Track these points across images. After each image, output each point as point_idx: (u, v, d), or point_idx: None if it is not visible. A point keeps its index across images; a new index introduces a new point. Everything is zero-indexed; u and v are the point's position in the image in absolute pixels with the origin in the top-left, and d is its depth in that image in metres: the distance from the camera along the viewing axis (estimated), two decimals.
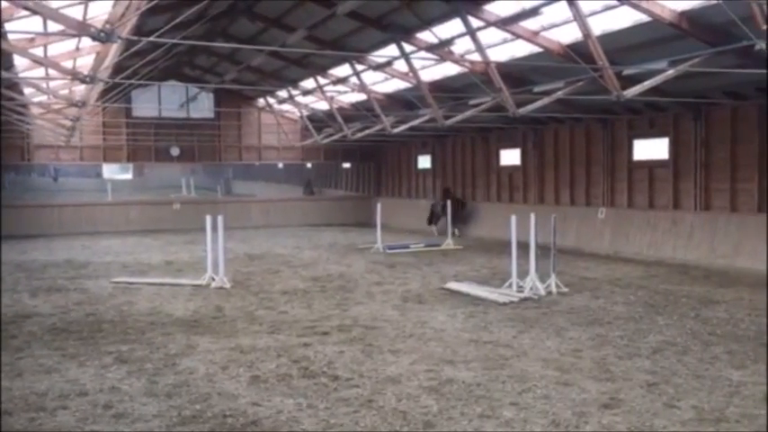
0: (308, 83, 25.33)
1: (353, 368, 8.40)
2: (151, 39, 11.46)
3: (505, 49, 17.45)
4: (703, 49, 13.82)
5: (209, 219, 15.03)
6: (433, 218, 27.39)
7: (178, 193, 47.96)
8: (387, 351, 9.22)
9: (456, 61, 18.52)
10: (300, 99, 28.55)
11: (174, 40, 15.26)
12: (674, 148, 19.39)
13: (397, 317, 11.49)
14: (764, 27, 10.39)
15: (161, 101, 30.93)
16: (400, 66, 20.31)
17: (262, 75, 26.82)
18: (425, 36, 17.49)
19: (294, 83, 26.35)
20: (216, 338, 10.06)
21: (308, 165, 41.28)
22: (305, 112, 30.31)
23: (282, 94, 28.84)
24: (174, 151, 31.94)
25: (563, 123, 23.07)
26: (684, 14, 13.26)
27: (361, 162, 36.86)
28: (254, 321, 11.27)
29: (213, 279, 14.80)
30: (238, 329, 10.68)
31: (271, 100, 31.16)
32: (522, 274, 13.58)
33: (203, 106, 32.30)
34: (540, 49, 16.18)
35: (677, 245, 18.62)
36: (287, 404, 7.13)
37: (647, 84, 14.26)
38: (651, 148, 20.24)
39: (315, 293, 13.93)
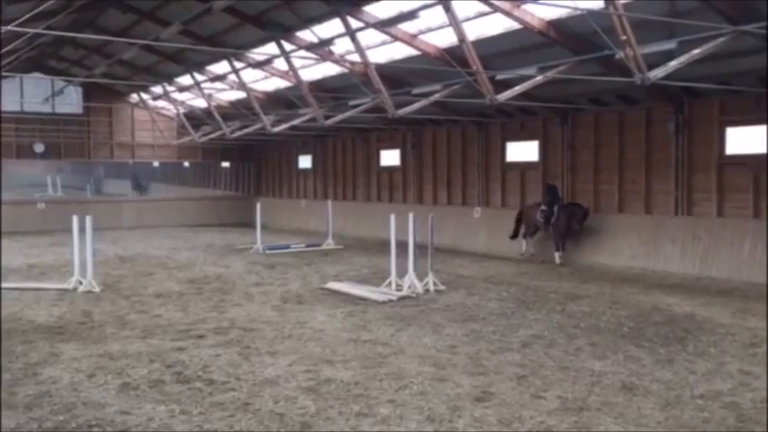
0: (185, 79, 24.60)
1: (230, 371, 8.21)
2: (10, 28, 10.74)
3: (385, 51, 17.70)
4: (569, 56, 14.60)
5: (76, 219, 14.26)
6: (527, 230, 19.02)
7: (43, 193, 45.23)
8: (265, 353, 9.09)
9: (336, 61, 18.60)
10: (176, 96, 27.68)
11: (37, 30, 14.36)
12: (544, 150, 20.35)
13: (275, 318, 11.36)
14: (624, 38, 11.07)
15: (24, 94, 29.07)
16: (280, 64, 20.13)
17: (134, 69, 25.80)
18: (305, 35, 17.44)
19: (169, 79, 25.49)
20: (82, 345, 9.55)
21: (186, 163, 40.15)
22: (181, 110, 29.41)
23: (157, 90, 27.84)
24: (39, 148, 30.11)
25: (440, 125, 23.66)
26: (552, 23, 13.96)
27: (241, 161, 36.24)
28: (124, 326, 10.79)
29: (81, 283, 14.05)
30: (107, 335, 10.19)
31: (145, 96, 30.00)
32: (402, 272, 13.79)
33: (71, 101, 30.64)
34: (418, 52, 16.55)
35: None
36: (159, 411, 6.87)
37: (518, 89, 14.86)
38: (523, 151, 21.14)
39: (191, 296, 13.53)
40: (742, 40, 12.08)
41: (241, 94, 24.42)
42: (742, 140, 15.71)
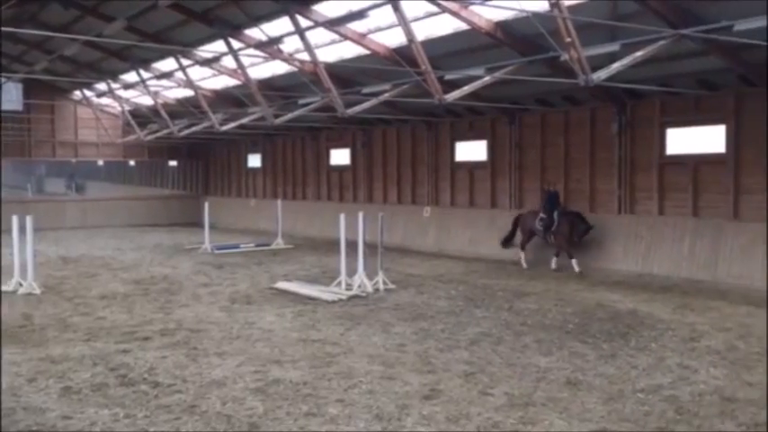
0: (130, 76, 24.11)
1: (176, 373, 8.09)
2: None
3: (334, 50, 17.67)
4: (516, 58, 14.81)
5: (15, 219, 13.85)
6: (522, 238, 17.60)
7: None
8: (212, 354, 8.98)
9: (285, 60, 18.48)
10: (121, 93, 27.11)
11: None
12: (492, 150, 20.59)
13: (224, 318, 11.24)
14: (568, 40, 11.28)
15: None
16: (229, 62, 19.90)
17: (77, 66, 25.16)
18: (254, 33, 17.28)
19: (114, 76, 24.93)
20: (22, 349, 9.28)
21: (132, 162, 39.36)
22: (126, 107, 28.80)
23: (101, 87, 27.18)
24: None
25: (390, 124, 23.73)
26: (499, 25, 14.14)
27: (189, 160, 35.71)
28: (67, 329, 10.52)
29: (21, 285, 13.66)
30: (49, 338, 9.92)
31: (88, 93, 29.28)
32: (351, 272, 13.80)
33: (11, 97, 29.63)
34: (368, 52, 16.57)
35: (495, 242, 19.75)
36: (102, 415, 6.72)
37: (467, 89, 15.01)
38: (471, 150, 21.36)
39: (136, 297, 13.28)
40: (681, 44, 12.44)
41: (189, 92, 24.05)
42: (681, 141, 16.18)
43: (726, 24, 11.53)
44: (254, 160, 31.85)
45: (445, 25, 14.94)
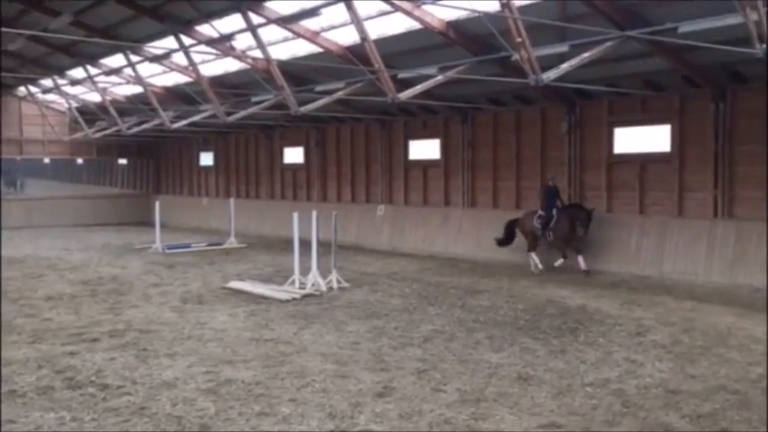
0: (77, 72, 23.52)
1: (125, 375, 7.95)
2: None
3: (287, 48, 17.57)
4: (469, 57, 14.95)
5: None
6: (528, 242, 16.61)
7: None
8: (163, 355, 8.85)
9: (237, 57, 18.29)
10: (68, 89, 26.44)
11: None
12: (445, 148, 20.75)
13: (175, 319, 11.08)
14: (519, 40, 11.43)
15: None
16: (179, 59, 19.60)
17: (22, 61, 24.45)
18: (205, 29, 17.07)
19: (60, 71, 24.31)
20: None
21: (79, 160, 38.46)
22: (74, 104, 28.13)
23: (47, 83, 26.48)
24: None
25: (344, 123, 23.70)
26: (451, 24, 14.25)
27: (139, 158, 35.08)
28: (11, 331, 10.22)
29: None
30: None
31: (33, 89, 28.50)
32: (305, 270, 13.75)
33: None
34: (321, 50, 16.52)
35: (448, 239, 19.95)
36: (47, 419, 6.56)
37: (419, 88, 15.09)
38: (425, 149, 21.48)
39: (84, 298, 12.99)
40: (628, 45, 12.74)
41: (138, 89, 23.61)
42: (629, 140, 16.56)
43: (670, 26, 11.85)
44: (207, 158, 31.45)
45: (398, 24, 14.99)
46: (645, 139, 16.21)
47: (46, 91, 27.99)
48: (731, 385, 7.52)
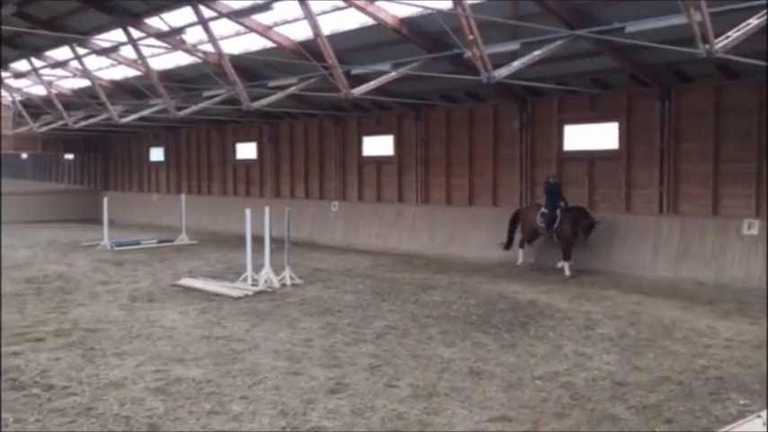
0: (21, 64, 22.82)
1: (71, 375, 7.76)
2: None
3: (239, 42, 17.35)
4: (422, 54, 15.00)
5: None
6: (524, 236, 16.21)
7: None
8: (110, 354, 8.67)
9: (188, 51, 18.01)
10: (12, 82, 25.64)
11: None
12: (399, 145, 20.80)
13: (123, 317, 10.86)
14: (471, 38, 11.52)
15: None
16: (128, 52, 19.19)
17: None
18: (155, 22, 16.73)
19: (3, 64, 23.53)
20: None
21: (24, 155, 37.39)
22: (18, 97, 27.28)
23: None
24: None
25: (297, 118, 23.56)
26: (405, 21, 14.27)
27: (87, 153, 34.27)
28: None
29: None
30: None
31: None
32: (258, 267, 13.64)
33: None
34: (274, 45, 16.37)
35: (402, 236, 20.02)
36: None
37: (373, 84, 15.08)
38: (378, 145, 21.50)
39: (28, 297, 12.63)
40: (577, 44, 12.95)
41: (85, 83, 23.05)
42: (578, 137, 16.85)
43: (618, 26, 12.09)
44: (157, 154, 30.91)
45: (352, 20, 14.95)
46: (594, 136, 16.52)
47: None
48: (675, 377, 7.73)
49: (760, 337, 9.46)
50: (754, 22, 10.15)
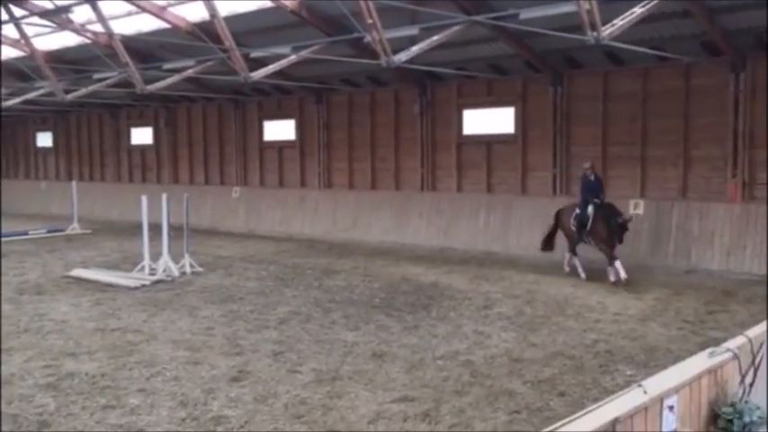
0: None
1: None
2: None
3: (131, 22, 16.65)
4: (322, 37, 14.89)
5: None
6: (568, 241, 13.33)
7: None
8: None
9: (76, 31, 17.15)
10: None
11: None
12: (300, 129, 20.62)
13: (10, 311, 10.29)
14: (370, 22, 11.52)
15: None
16: (10, 31, 18.04)
17: None
18: (39, 1, 15.80)
19: None
20: None
21: None
22: None
23: None
24: None
25: (195, 102, 22.93)
26: (304, 3, 14.11)
27: None
28: None
29: None
30: None
31: None
32: (156, 256, 13.24)
33: None
34: (168, 25, 15.82)
35: (305, 221, 19.91)
36: None
37: (273, 67, 14.87)
38: (280, 129, 21.24)
39: None
40: (474, 30, 13.20)
41: None
42: (476, 122, 17.23)
43: (512, 12, 12.40)
44: (45, 139, 29.36)
45: (250, 2, 14.64)
46: (491, 120, 16.93)
47: None
48: (568, 351, 8.09)
49: (645, 312, 10.02)
50: (638, 10, 10.66)
